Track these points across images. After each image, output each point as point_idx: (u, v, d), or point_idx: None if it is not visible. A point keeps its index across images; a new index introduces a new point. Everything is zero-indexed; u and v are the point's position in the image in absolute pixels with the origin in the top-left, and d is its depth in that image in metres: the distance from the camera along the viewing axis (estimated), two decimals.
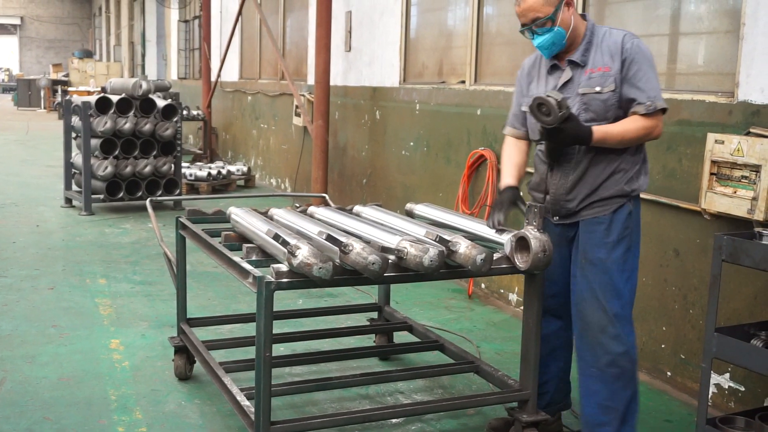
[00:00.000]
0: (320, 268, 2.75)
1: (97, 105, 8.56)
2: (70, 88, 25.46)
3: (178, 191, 9.04)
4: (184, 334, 3.97)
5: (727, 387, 3.77)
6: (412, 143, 6.90)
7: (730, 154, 3.56)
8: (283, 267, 2.85)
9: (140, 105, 8.70)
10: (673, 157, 4.06)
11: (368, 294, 5.55)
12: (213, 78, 12.96)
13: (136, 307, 5.28)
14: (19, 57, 45.46)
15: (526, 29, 3.10)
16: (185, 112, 12.37)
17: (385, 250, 2.96)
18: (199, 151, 13.23)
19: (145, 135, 8.70)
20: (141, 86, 8.71)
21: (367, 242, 2.98)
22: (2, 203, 9.18)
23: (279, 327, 4.24)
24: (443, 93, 6.42)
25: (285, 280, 2.84)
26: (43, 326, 4.82)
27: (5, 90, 42.62)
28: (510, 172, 3.32)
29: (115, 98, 8.60)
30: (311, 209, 3.85)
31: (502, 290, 5.72)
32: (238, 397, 3.19)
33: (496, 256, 3.09)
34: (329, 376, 3.76)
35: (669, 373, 4.14)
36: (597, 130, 3.00)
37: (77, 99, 9.04)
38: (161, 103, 8.91)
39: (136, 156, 8.72)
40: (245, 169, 11.19)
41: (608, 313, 3.09)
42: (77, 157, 8.85)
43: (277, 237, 3.00)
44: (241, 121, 12.84)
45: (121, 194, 8.68)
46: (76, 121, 8.85)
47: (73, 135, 9.15)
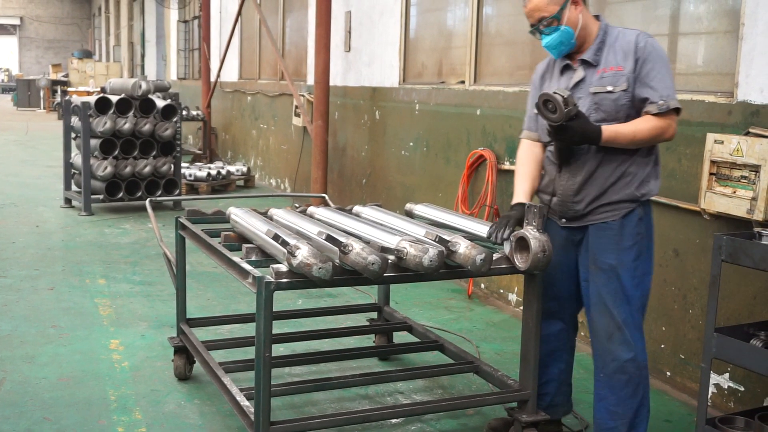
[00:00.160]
0: (320, 268, 2.75)
1: (96, 105, 8.56)
2: (69, 89, 25.48)
3: (177, 191, 9.04)
4: (184, 335, 3.97)
5: (726, 387, 3.77)
6: (411, 143, 6.90)
7: (730, 154, 3.56)
8: (283, 267, 2.85)
9: (140, 105, 8.70)
10: (673, 157, 4.06)
11: (368, 294, 5.55)
12: (212, 78, 12.95)
13: (135, 307, 5.28)
14: (19, 57, 45.47)
15: (535, 29, 3.07)
16: (185, 113, 12.37)
17: (384, 250, 2.96)
18: (199, 152, 13.23)
19: (144, 135, 8.70)
20: (140, 86, 8.71)
21: (367, 242, 2.98)
22: (2, 203, 9.18)
23: (279, 327, 4.24)
24: (443, 93, 6.41)
25: (284, 280, 2.84)
26: (43, 326, 4.82)
27: (5, 90, 42.63)
28: (522, 186, 3.24)
29: (114, 98, 8.60)
30: (311, 209, 3.84)
31: (501, 290, 5.72)
32: (238, 398, 3.19)
33: (495, 256, 3.09)
34: (329, 377, 3.76)
35: (669, 373, 4.14)
36: (606, 129, 2.94)
37: (77, 99, 9.04)
38: (161, 103, 8.91)
39: (135, 156, 8.72)
40: (245, 169, 11.19)
41: (616, 319, 3.06)
42: (77, 158, 8.85)
43: (276, 237, 3.00)
44: (240, 121, 12.84)
45: (120, 194, 8.67)
46: (75, 121, 8.85)
47: (73, 135, 9.14)
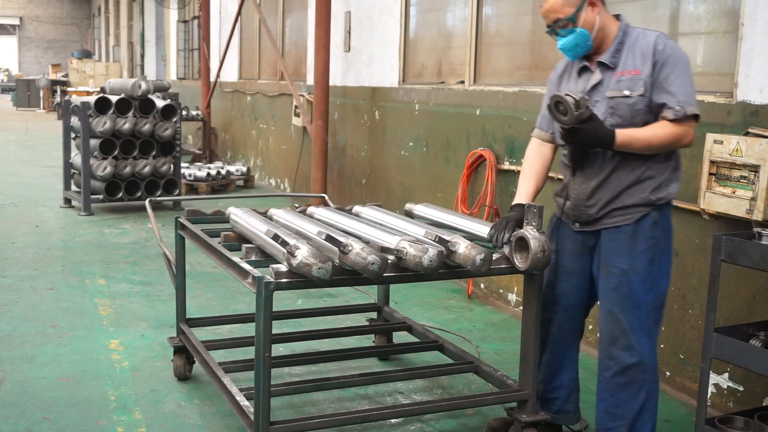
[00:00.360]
0: (319, 268, 2.75)
1: (96, 105, 8.56)
2: (69, 89, 25.49)
3: (177, 191, 9.04)
4: (184, 335, 3.97)
5: (726, 387, 3.78)
6: (411, 143, 6.90)
7: (729, 154, 3.56)
8: (283, 267, 2.85)
9: (139, 105, 8.70)
10: None
11: (367, 294, 5.55)
12: (212, 78, 12.95)
13: (135, 307, 5.28)
14: (18, 57, 45.47)
15: (551, 30, 3.02)
16: (184, 113, 12.36)
17: (384, 250, 2.96)
18: (199, 152, 13.22)
19: (144, 135, 8.70)
20: (140, 86, 8.71)
21: (367, 242, 2.98)
22: (1, 204, 9.17)
23: (278, 327, 4.24)
24: (442, 93, 6.42)
25: (284, 280, 2.84)
26: (43, 326, 4.82)
27: (4, 90, 42.64)
28: (524, 186, 3.22)
29: (114, 98, 8.60)
30: (310, 209, 3.84)
31: (501, 290, 5.73)
32: (238, 398, 3.19)
33: (495, 256, 3.09)
34: (328, 377, 3.76)
35: (668, 373, 4.14)
36: (620, 134, 2.87)
37: (76, 99, 9.04)
38: (160, 103, 8.91)
39: (135, 156, 8.72)
40: (244, 169, 11.19)
41: (621, 324, 3.02)
42: (76, 158, 8.84)
43: (276, 237, 3.00)
44: (240, 121, 12.84)
45: (120, 194, 8.67)
46: (75, 121, 8.85)
47: (72, 135, 9.14)
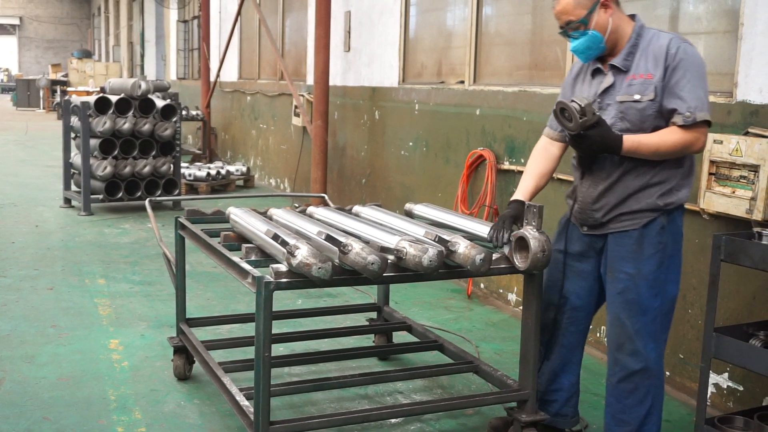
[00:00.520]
0: (319, 268, 2.75)
1: (96, 105, 8.56)
2: (69, 89, 25.49)
3: (177, 191, 9.04)
4: (183, 334, 3.97)
5: (725, 387, 3.78)
6: (411, 143, 6.90)
7: (729, 154, 3.57)
8: (283, 267, 2.85)
9: (139, 105, 8.69)
10: None
11: (367, 294, 5.55)
12: (212, 78, 12.95)
13: (135, 307, 5.28)
14: (18, 57, 45.46)
15: (563, 32, 2.99)
16: (184, 113, 12.37)
17: (384, 250, 2.96)
18: (198, 152, 13.23)
19: (144, 135, 8.70)
20: (140, 86, 8.71)
21: (367, 242, 2.98)
22: (1, 203, 9.17)
23: (278, 327, 4.24)
24: (442, 93, 6.42)
25: (284, 280, 2.84)
26: (42, 326, 4.82)
27: (4, 90, 42.65)
28: (525, 183, 3.19)
29: (114, 98, 8.60)
30: (310, 209, 3.84)
31: (501, 290, 5.73)
32: (238, 397, 3.19)
33: (495, 256, 3.09)
34: (328, 376, 3.76)
35: (668, 373, 4.15)
36: (628, 140, 2.84)
37: (76, 99, 9.04)
38: (160, 103, 8.91)
39: (135, 156, 8.71)
40: (244, 169, 11.19)
41: (627, 329, 3.00)
42: (76, 158, 8.84)
43: (276, 237, 3.00)
44: (240, 121, 12.84)
45: (120, 194, 8.67)
46: (75, 121, 8.85)
47: (72, 135, 9.14)
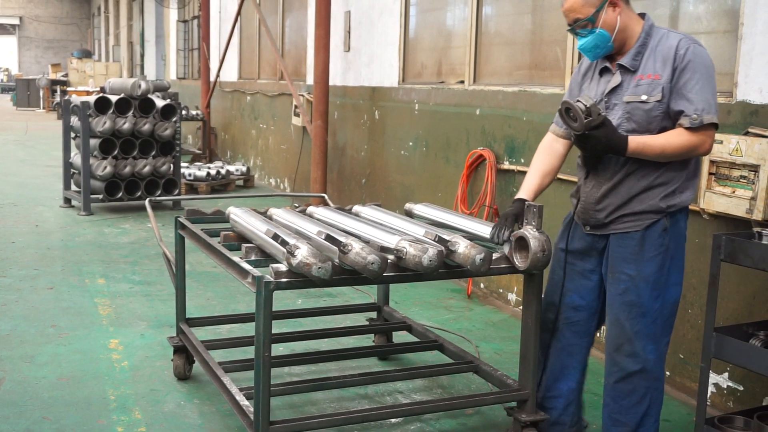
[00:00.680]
0: (319, 267, 2.75)
1: (96, 105, 8.56)
2: (69, 88, 25.49)
3: (177, 191, 9.04)
4: (183, 334, 3.97)
5: (725, 386, 3.78)
6: (411, 143, 6.90)
7: (729, 153, 3.57)
8: (282, 267, 2.85)
9: (139, 105, 8.69)
10: None
11: (367, 294, 5.55)
12: (212, 78, 12.95)
13: (135, 307, 5.28)
14: (18, 57, 45.46)
15: (571, 30, 2.96)
16: (184, 112, 12.36)
17: (384, 249, 2.96)
18: (198, 151, 13.22)
19: (144, 135, 8.70)
20: (140, 86, 8.71)
21: (366, 242, 2.98)
22: (1, 203, 9.17)
23: (278, 327, 4.24)
24: (442, 93, 6.42)
25: (284, 279, 2.84)
26: (42, 326, 4.82)
27: (4, 90, 42.65)
28: (529, 182, 3.17)
29: (114, 98, 8.60)
30: (310, 209, 3.84)
31: (501, 290, 5.73)
32: (237, 397, 3.19)
33: (495, 255, 3.09)
34: (328, 376, 3.76)
35: (668, 372, 4.15)
36: (633, 141, 2.81)
37: (76, 99, 9.04)
38: (160, 103, 8.91)
39: (135, 156, 8.72)
40: (244, 169, 11.19)
41: (626, 331, 2.98)
42: (76, 157, 8.84)
43: (276, 237, 3.00)
44: (240, 121, 12.84)
45: (120, 194, 8.67)
46: (75, 121, 8.85)
47: (72, 135, 9.14)
